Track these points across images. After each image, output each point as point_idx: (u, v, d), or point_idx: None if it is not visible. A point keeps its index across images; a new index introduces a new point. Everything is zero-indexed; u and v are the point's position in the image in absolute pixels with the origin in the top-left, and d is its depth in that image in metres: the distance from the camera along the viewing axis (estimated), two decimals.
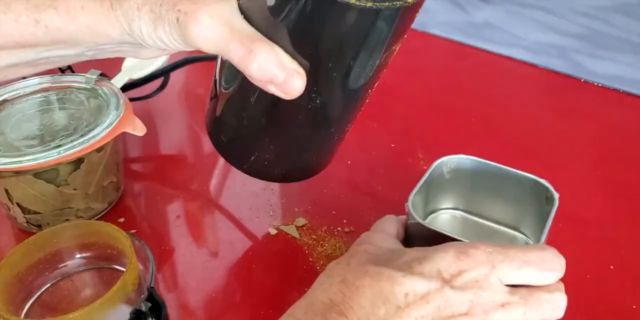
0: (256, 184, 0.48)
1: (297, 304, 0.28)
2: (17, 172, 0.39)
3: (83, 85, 0.46)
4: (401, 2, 0.26)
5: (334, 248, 0.42)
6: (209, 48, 0.27)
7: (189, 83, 0.66)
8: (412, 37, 0.75)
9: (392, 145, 0.53)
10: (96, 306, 0.31)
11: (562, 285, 0.30)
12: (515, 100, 0.62)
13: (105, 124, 0.41)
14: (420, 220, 0.34)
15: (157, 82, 0.56)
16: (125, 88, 0.53)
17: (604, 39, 0.75)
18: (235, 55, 0.26)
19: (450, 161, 0.41)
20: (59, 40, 0.30)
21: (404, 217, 0.37)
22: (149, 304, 0.32)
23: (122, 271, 0.37)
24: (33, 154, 0.38)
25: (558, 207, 0.46)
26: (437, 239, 0.32)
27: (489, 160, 0.40)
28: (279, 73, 0.26)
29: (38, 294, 0.38)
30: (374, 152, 0.52)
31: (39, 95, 0.46)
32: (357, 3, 0.25)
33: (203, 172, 0.51)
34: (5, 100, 0.45)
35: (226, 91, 0.32)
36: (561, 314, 0.29)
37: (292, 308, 0.28)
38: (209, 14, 0.26)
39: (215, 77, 0.33)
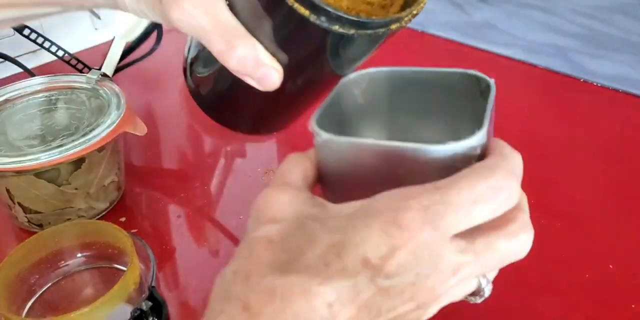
0: (256, 184, 0.48)
1: None
2: (19, 172, 0.39)
3: (84, 85, 0.46)
4: (383, 30, 0.26)
5: None
6: (190, 33, 0.27)
7: None
8: (411, 37, 0.76)
9: None
10: (97, 305, 0.31)
11: (525, 220, 0.25)
12: (514, 100, 0.62)
13: (106, 124, 0.41)
14: (329, 136, 0.25)
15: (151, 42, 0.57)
16: (124, 54, 0.54)
17: (603, 38, 0.75)
18: (215, 47, 0.26)
19: (360, 79, 0.31)
20: (45, 1, 0.30)
21: (311, 153, 0.28)
22: (150, 303, 0.32)
23: (123, 270, 0.37)
24: (34, 153, 0.39)
25: (556, 207, 0.46)
26: (358, 157, 0.25)
27: None
28: (257, 69, 0.26)
29: (39, 293, 0.38)
30: None
31: (40, 95, 0.46)
32: (341, 30, 0.25)
33: (204, 172, 0.51)
34: (6, 100, 0.45)
35: (202, 59, 0.33)
36: (525, 254, 0.25)
37: None
38: (192, 2, 0.26)
39: (190, 43, 0.33)
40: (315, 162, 0.27)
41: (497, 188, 0.22)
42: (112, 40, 0.55)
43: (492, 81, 0.31)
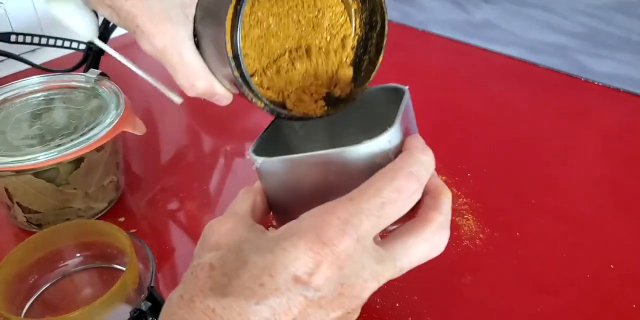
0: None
1: None
2: (18, 172, 0.39)
3: (83, 85, 0.46)
4: (312, 115, 0.31)
5: None
6: (160, 61, 0.32)
7: None
8: (412, 35, 0.76)
9: None
10: (96, 305, 0.31)
11: (440, 221, 0.27)
12: (515, 99, 0.62)
13: (105, 124, 0.41)
14: (264, 158, 0.28)
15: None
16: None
17: (604, 37, 0.75)
18: (179, 81, 0.32)
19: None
20: None
21: (257, 184, 0.31)
22: (149, 304, 0.32)
23: (122, 270, 0.37)
24: (33, 153, 0.38)
25: (556, 207, 0.46)
26: (293, 173, 0.28)
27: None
28: (212, 96, 0.33)
29: (38, 293, 0.38)
30: None
31: (39, 94, 0.46)
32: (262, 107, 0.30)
33: (203, 172, 0.51)
34: (5, 100, 0.45)
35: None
36: (440, 252, 0.27)
37: None
38: (162, 40, 0.30)
39: None
40: (262, 191, 0.30)
41: (399, 190, 0.25)
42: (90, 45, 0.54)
43: (406, 88, 0.34)
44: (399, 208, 0.25)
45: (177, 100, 0.38)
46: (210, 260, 0.25)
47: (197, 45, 0.31)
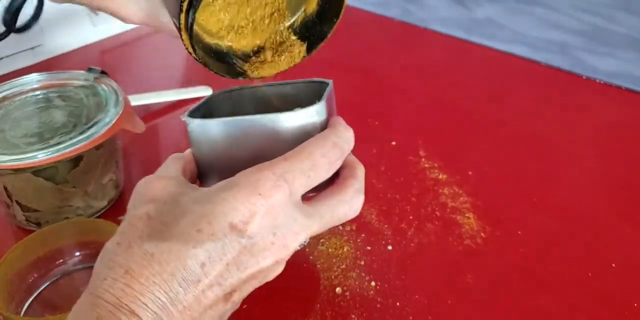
0: None
1: (78, 306, 0.24)
2: (16, 170, 0.38)
3: (82, 83, 0.46)
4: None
5: (334, 246, 0.42)
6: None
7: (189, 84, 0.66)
8: (413, 33, 0.76)
9: (393, 142, 0.53)
10: None
11: (357, 187, 0.31)
12: (516, 96, 0.62)
13: (105, 122, 0.41)
14: (199, 120, 0.30)
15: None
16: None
17: (606, 35, 0.75)
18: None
19: (228, 96, 0.37)
20: None
21: (187, 151, 0.32)
22: None
23: None
24: (32, 151, 0.38)
25: (558, 205, 0.46)
26: (226, 136, 0.30)
27: None
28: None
29: (38, 292, 0.38)
30: (375, 150, 0.52)
31: (38, 92, 0.45)
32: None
33: None
34: (4, 98, 0.44)
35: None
36: (356, 215, 0.31)
37: (74, 313, 0.24)
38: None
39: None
40: (192, 157, 0.32)
41: (326, 155, 0.28)
42: None
43: (330, 81, 0.35)
44: (325, 171, 0.28)
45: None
46: (147, 211, 0.26)
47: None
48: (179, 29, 0.29)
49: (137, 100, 0.56)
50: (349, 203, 0.30)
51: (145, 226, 0.25)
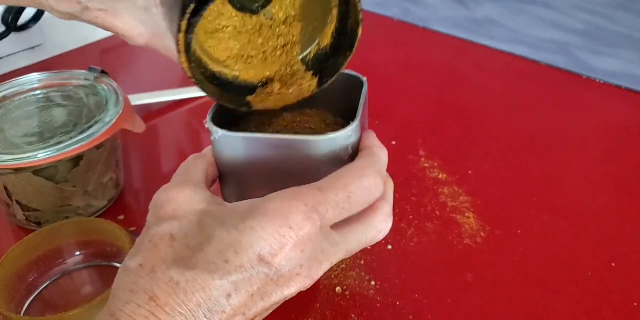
0: None
1: None
2: (17, 170, 0.39)
3: (82, 82, 0.46)
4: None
5: None
6: None
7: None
8: (413, 33, 0.76)
9: (393, 142, 0.53)
10: (96, 304, 0.31)
11: (387, 210, 0.29)
12: (517, 96, 0.62)
13: (105, 121, 0.41)
14: (224, 132, 0.29)
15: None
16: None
17: (606, 35, 0.75)
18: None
19: None
20: None
21: (209, 152, 0.31)
22: None
23: None
24: (32, 151, 0.38)
25: (558, 205, 0.46)
26: (252, 151, 0.29)
27: None
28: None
29: (38, 291, 0.38)
30: None
31: (38, 92, 0.45)
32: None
33: None
34: (4, 97, 0.45)
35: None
36: (382, 238, 0.29)
37: None
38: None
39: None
40: (214, 160, 0.30)
41: (367, 188, 0.27)
42: None
43: (364, 79, 0.34)
44: (363, 203, 0.27)
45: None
46: (171, 231, 0.25)
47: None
48: (178, 51, 0.27)
49: (137, 100, 0.56)
50: (377, 228, 0.29)
51: (169, 248, 0.25)
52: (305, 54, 0.33)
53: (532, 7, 0.83)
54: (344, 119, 0.36)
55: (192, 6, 0.26)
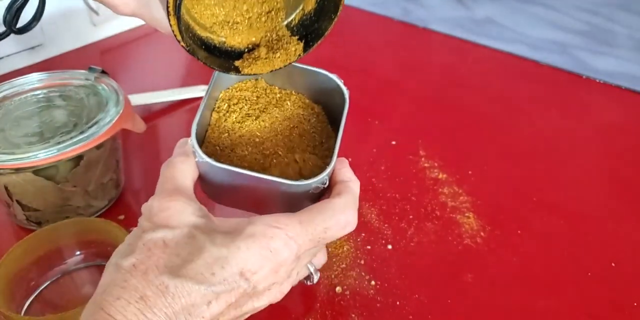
0: None
1: (86, 319, 0.25)
2: (17, 169, 0.39)
3: (83, 82, 0.46)
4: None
5: (334, 246, 0.42)
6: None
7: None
8: (413, 33, 0.76)
9: (393, 142, 0.53)
10: None
11: (350, 199, 0.31)
12: (517, 96, 0.62)
13: (105, 121, 0.41)
14: (207, 159, 0.30)
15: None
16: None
17: (606, 35, 0.75)
18: None
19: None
20: None
21: (191, 155, 0.32)
22: None
23: None
24: (33, 151, 0.38)
25: (558, 205, 0.46)
26: (230, 178, 0.31)
27: None
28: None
29: (38, 291, 0.38)
30: (375, 149, 0.52)
31: (38, 92, 0.45)
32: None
33: None
34: (4, 97, 0.44)
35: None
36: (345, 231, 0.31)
37: None
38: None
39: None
40: (196, 165, 0.33)
41: (342, 225, 0.30)
42: None
43: (346, 92, 0.35)
44: (336, 236, 0.30)
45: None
46: (164, 238, 0.28)
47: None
48: (168, 14, 0.28)
49: (137, 100, 0.56)
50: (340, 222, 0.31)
51: (162, 253, 0.27)
52: (290, 19, 0.34)
53: (532, 7, 0.83)
54: (321, 107, 0.37)
55: None
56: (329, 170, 0.31)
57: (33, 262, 0.37)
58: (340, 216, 0.30)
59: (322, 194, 0.32)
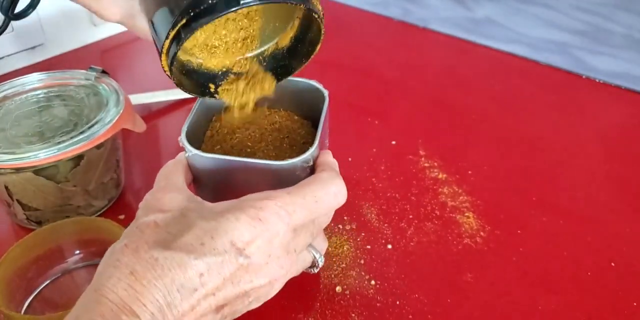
0: None
1: (82, 302, 0.25)
2: (17, 169, 0.39)
3: (83, 82, 0.46)
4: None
5: (334, 245, 0.42)
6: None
7: None
8: (413, 33, 0.76)
9: (393, 142, 0.53)
10: None
11: (331, 173, 0.32)
12: (516, 96, 0.62)
13: (105, 121, 0.41)
14: (197, 151, 0.32)
15: None
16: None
17: (605, 35, 0.75)
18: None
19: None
20: None
21: (183, 157, 0.34)
22: None
23: None
24: (33, 150, 0.38)
25: (558, 205, 0.46)
26: (221, 168, 0.32)
27: None
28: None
29: (38, 290, 0.38)
30: (375, 149, 0.52)
31: (38, 91, 0.45)
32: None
33: None
34: (5, 97, 0.45)
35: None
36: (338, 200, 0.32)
37: (78, 307, 0.25)
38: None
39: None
40: (189, 166, 0.34)
41: (333, 194, 0.31)
42: None
43: (326, 94, 0.37)
44: (328, 207, 0.31)
45: None
46: (155, 219, 0.28)
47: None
48: (160, 52, 0.30)
49: (137, 99, 0.56)
50: (325, 219, 0.33)
51: (153, 232, 0.27)
52: (263, 49, 0.36)
53: (532, 7, 0.83)
54: (310, 121, 0.40)
55: (184, 21, 0.28)
56: (312, 149, 0.32)
57: (33, 261, 0.37)
58: (329, 186, 0.31)
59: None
